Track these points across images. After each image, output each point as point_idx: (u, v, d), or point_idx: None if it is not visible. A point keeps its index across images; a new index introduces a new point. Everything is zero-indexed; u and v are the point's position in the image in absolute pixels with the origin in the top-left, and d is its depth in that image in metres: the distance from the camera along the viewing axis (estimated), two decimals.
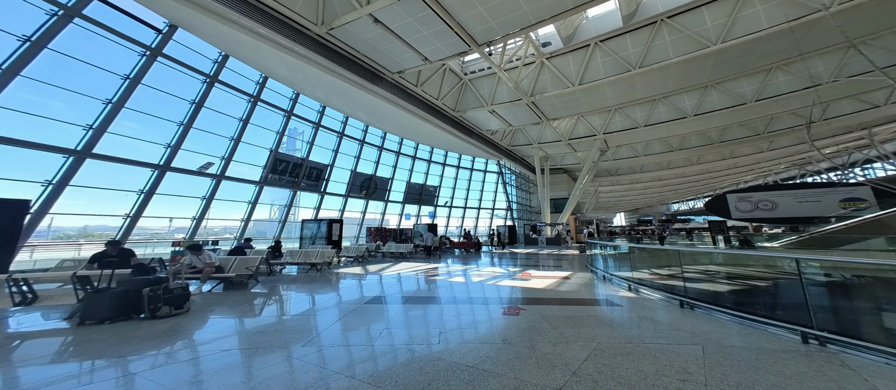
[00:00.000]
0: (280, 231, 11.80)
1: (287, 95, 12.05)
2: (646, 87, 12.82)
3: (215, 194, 9.63)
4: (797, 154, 26.10)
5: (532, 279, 6.70)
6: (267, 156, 11.40)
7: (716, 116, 15.61)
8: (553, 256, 12.53)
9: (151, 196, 8.34)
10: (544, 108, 15.26)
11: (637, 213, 64.91)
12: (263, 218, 12.99)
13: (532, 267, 9.04)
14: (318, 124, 13.20)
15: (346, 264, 9.87)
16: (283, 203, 13.32)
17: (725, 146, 20.80)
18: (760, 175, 37.88)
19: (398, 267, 9.07)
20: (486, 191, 24.84)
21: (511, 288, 5.80)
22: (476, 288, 5.83)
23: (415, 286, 6.09)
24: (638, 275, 5.42)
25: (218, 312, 4.19)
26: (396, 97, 12.72)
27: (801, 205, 16.30)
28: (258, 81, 10.82)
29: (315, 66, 9.72)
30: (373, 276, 7.29)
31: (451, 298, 4.90)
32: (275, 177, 11.55)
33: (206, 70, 9.37)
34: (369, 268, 8.87)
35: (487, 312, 3.96)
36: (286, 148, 14.56)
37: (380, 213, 17.07)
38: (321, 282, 6.60)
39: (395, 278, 6.99)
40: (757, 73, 13.61)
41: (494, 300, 4.75)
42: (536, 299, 4.85)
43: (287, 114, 11.87)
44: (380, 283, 6.40)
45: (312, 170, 12.96)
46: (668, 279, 5.13)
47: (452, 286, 6.04)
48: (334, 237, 11.39)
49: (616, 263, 6.41)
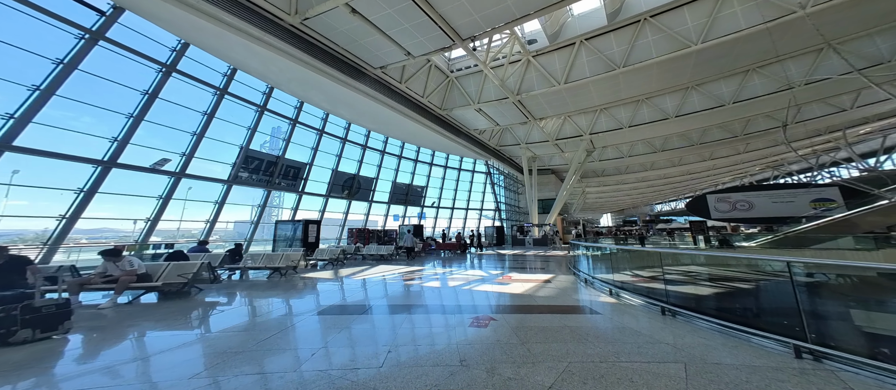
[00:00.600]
0: (252, 233, 11.04)
1: (260, 89, 11.33)
2: (630, 87, 12.87)
3: (173, 193, 8.86)
4: (771, 156, 27.24)
5: (512, 283, 6.41)
6: (237, 153, 10.66)
7: (696, 117, 15.91)
8: (538, 258, 12.34)
9: (93, 195, 7.53)
10: (531, 107, 15.14)
11: (623, 214, 66.53)
12: (245, 219, 12.15)
13: (515, 269, 8.75)
14: (296, 120, 12.51)
15: (319, 267, 9.30)
16: (271, 204, 12.63)
17: (705, 147, 21.37)
18: (737, 176, 39.42)
19: (374, 270, 8.54)
20: (475, 192, 24.62)
21: (487, 293, 5.47)
22: (449, 294, 5.45)
23: (382, 292, 5.70)
24: (619, 278, 5.21)
25: (113, 332, 3.47)
26: (380, 94, 12.26)
27: (776, 206, 16.87)
28: (226, 73, 10.09)
29: (290, 59, 9.15)
30: (340, 281, 6.82)
31: (416, 307, 4.49)
32: (245, 176, 10.83)
33: (163, 58, 8.61)
34: (342, 272, 8.28)
35: (453, 324, 3.60)
36: (270, 146, 13.87)
37: (364, 214, 16.50)
38: (278, 288, 6.04)
39: (363, 283, 6.54)
40: (735, 75, 13.93)
41: (466, 308, 4.38)
42: (511, 306, 4.56)
43: (259, 109, 11.15)
44: (342, 290, 5.93)
45: (289, 168, 12.26)
46: (649, 281, 4.94)
47: (424, 292, 5.64)
48: (311, 239, 10.79)
49: (597, 265, 6.21)
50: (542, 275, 7.25)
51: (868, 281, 3.07)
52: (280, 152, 12.02)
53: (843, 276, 3.28)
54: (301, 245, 10.49)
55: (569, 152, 22.34)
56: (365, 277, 7.33)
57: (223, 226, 11.40)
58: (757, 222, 17.73)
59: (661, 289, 4.07)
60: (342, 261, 10.43)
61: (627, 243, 15.03)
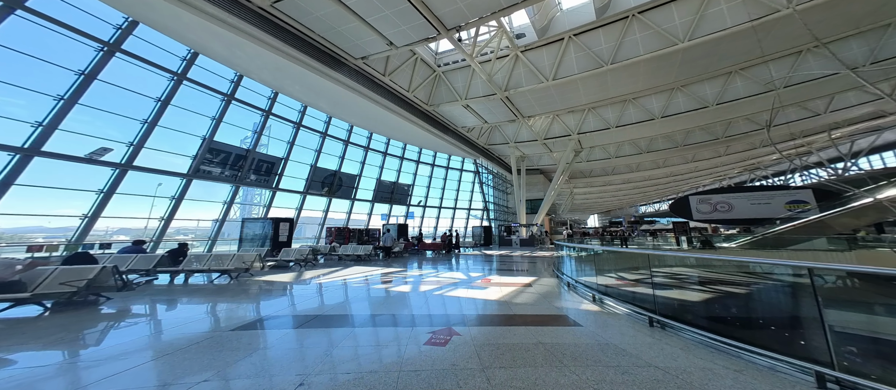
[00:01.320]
0: (216, 231, 10.15)
1: (228, 77, 10.48)
2: (617, 86, 12.79)
3: (117, 187, 7.93)
4: (749, 159, 28.24)
5: (490, 287, 5.95)
6: (199, 145, 9.78)
7: (681, 119, 16.11)
8: (523, 259, 12.04)
9: (8, 187, 6.57)
10: (519, 105, 14.89)
11: (609, 215, 67.93)
12: (232, 218, 11.10)
13: (497, 271, 8.36)
14: (269, 112, 11.68)
15: (282, 269, 8.50)
16: (250, 201, 11.73)
17: (688, 149, 21.82)
18: (717, 179, 40.85)
19: (343, 273, 7.86)
20: (463, 191, 24.24)
21: (458, 300, 4.91)
22: (415, 301, 4.83)
23: (337, 299, 5.02)
24: (603, 282, 4.85)
25: None
26: (362, 86, 11.66)
27: (754, 207, 17.28)
28: (185, 57, 9.22)
29: (260, 45, 8.44)
30: (295, 286, 6.14)
31: (368, 318, 3.91)
32: (208, 170, 9.95)
33: (105, 36, 7.69)
34: (307, 274, 7.55)
35: (405, 341, 3.05)
36: (251, 142, 12.85)
37: (346, 213, 15.77)
38: (214, 295, 5.29)
39: (320, 289, 5.91)
40: (718, 77, 14.13)
41: (426, 320, 3.81)
42: (482, 316, 4.04)
43: (226, 98, 10.31)
44: (291, 296, 5.30)
45: (261, 163, 11.42)
46: (635, 285, 4.61)
47: (386, 299, 5.02)
48: (282, 238, 10.03)
49: (581, 268, 5.86)
50: (523, 278, 6.84)
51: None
52: (250, 144, 11.15)
53: (858, 279, 2.97)
54: (270, 244, 9.73)
55: (557, 152, 22.33)
56: (328, 280, 6.65)
57: (193, 225, 10.53)
58: (736, 223, 18.13)
59: (649, 295, 3.70)
60: (312, 262, 9.68)
61: (613, 244, 14.96)
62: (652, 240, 18.01)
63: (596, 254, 5.41)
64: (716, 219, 18.17)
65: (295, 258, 8.98)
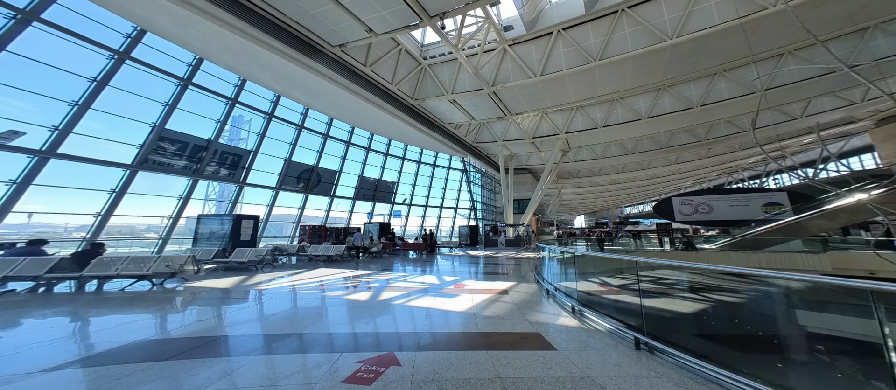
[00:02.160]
0: (168, 229, 9.13)
1: (185, 60, 9.47)
2: (605, 83, 12.59)
3: (35, 177, 6.83)
4: (728, 162, 29.15)
5: (461, 294, 5.34)
6: (147, 133, 8.77)
7: (666, 119, 16.19)
8: (507, 260, 11.63)
9: None
10: (507, 101, 14.51)
11: (596, 216, 69.31)
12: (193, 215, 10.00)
13: (475, 274, 7.82)
14: (234, 100, 10.71)
15: (233, 272, 7.48)
16: (227, 198, 10.66)
17: (672, 151, 22.16)
18: (698, 181, 42.20)
19: (301, 276, 7.11)
20: (451, 190, 23.73)
21: (417, 312, 4.26)
22: (363, 315, 4.11)
23: (263, 313, 4.21)
24: (585, 288, 4.38)
25: None
26: (341, 77, 10.93)
27: (733, 209, 17.64)
28: (130, 34, 8.19)
29: (220, 25, 7.59)
30: (227, 294, 5.33)
31: (286, 341, 3.11)
32: (160, 161, 8.94)
33: (20, 3, 6.62)
34: (255, 278, 6.61)
35: (317, 377, 2.36)
36: (229, 138, 11.84)
37: (324, 210, 14.94)
38: (95, 308, 4.43)
39: (258, 296, 5.19)
40: (703, 78, 14.23)
41: (364, 342, 3.12)
42: (437, 336, 3.35)
43: (182, 83, 9.30)
44: (203, 308, 4.45)
45: (226, 155, 10.45)
46: (620, 293, 4.19)
47: (328, 312, 4.24)
48: (245, 237, 9.16)
49: (561, 272, 5.37)
50: (500, 284, 6.27)
51: None
52: (213, 135, 10.10)
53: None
54: (230, 243, 8.85)
55: (545, 151, 22.19)
56: (274, 287, 5.81)
57: (145, 222, 9.48)
58: (716, 225, 18.49)
59: (636, 305, 3.12)
60: (271, 264, 8.77)
61: (598, 245, 14.80)
62: (635, 242, 18.07)
63: (575, 257, 4.90)
64: (697, 220, 18.46)
65: (250, 259, 8.06)
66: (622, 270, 4.75)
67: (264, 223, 12.01)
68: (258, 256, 8.17)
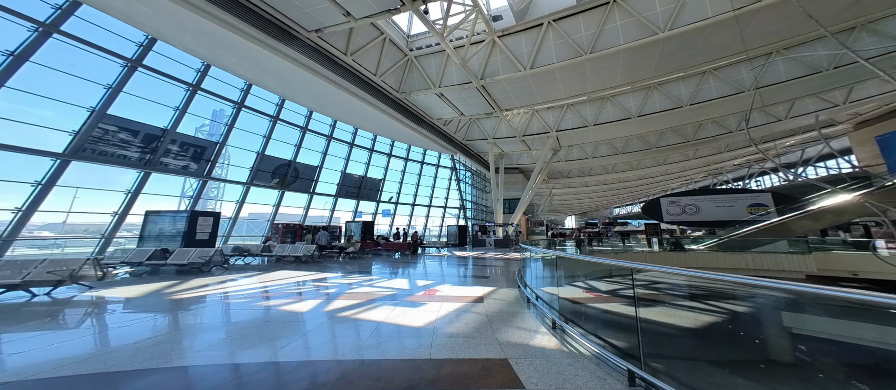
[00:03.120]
0: (111, 227, 8.11)
1: (134, 40, 8.48)
2: (596, 79, 12.26)
3: None
4: (714, 163, 29.64)
5: (428, 303, 4.67)
6: (85, 119, 7.75)
7: (656, 118, 16.07)
8: (493, 261, 11.13)
9: None
10: (496, 95, 14.03)
11: (585, 216, 70.06)
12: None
13: (453, 278, 7.21)
14: (197, 86, 9.77)
15: (157, 277, 6.41)
16: (206, 195, 9.67)
17: (661, 151, 22.21)
18: (685, 182, 43.00)
19: (245, 281, 6.05)
20: (440, 188, 23.15)
21: (362, 327, 3.49)
22: (284, 332, 3.33)
23: (142, 335, 3.33)
24: (568, 296, 3.78)
25: None
26: (320, 65, 10.21)
27: (719, 209, 17.72)
28: (61, 6, 7.18)
29: (174, 1, 6.76)
30: (121, 307, 4.40)
31: (157, 374, 2.40)
32: (100, 151, 7.90)
33: None
34: (187, 284, 5.80)
35: None
36: (209, 133, 10.82)
37: (303, 208, 14.10)
38: None
39: (171, 307, 4.39)
40: (693, 76, 14.13)
41: (257, 380, 2.33)
42: (369, 366, 2.58)
43: (128, 64, 8.31)
44: (62, 331, 3.54)
45: (187, 146, 9.50)
46: (609, 300, 3.68)
47: (235, 331, 3.42)
48: (201, 235, 8.27)
49: (543, 277, 4.81)
50: (478, 289, 5.65)
51: None
52: (169, 125, 9.03)
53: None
54: (183, 243, 7.97)
55: (536, 150, 21.90)
56: (196, 295, 4.86)
57: (93, 220, 8.49)
58: (702, 225, 18.57)
59: (629, 319, 2.46)
60: (222, 265, 7.64)
61: (592, 244, 14.45)
62: (624, 242, 17.93)
63: (557, 259, 4.15)
64: (684, 221, 18.48)
65: (192, 261, 6.97)
66: (611, 273, 4.28)
67: (233, 220, 11.13)
68: (202, 258, 7.11)
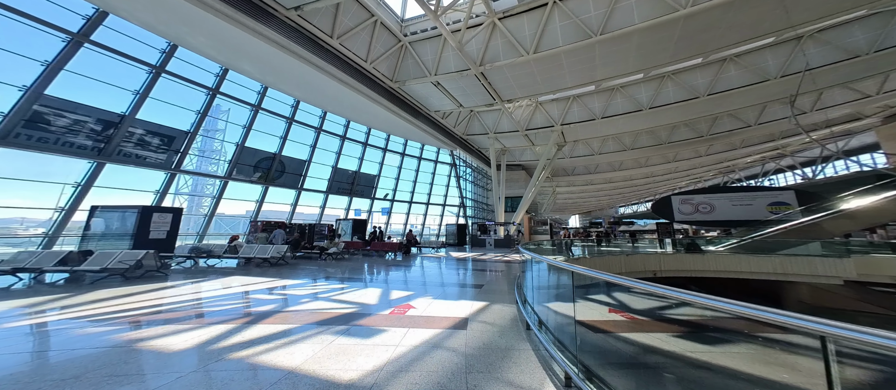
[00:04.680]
0: (56, 224, 7.18)
1: (82, 13, 7.46)
2: (606, 65, 11.20)
3: None
4: (726, 161, 28.30)
5: (390, 329, 3.39)
6: (15, 100, 6.62)
7: (669, 110, 14.96)
8: (492, 264, 10.18)
9: None
10: (497, 84, 13.03)
11: (589, 215, 68.71)
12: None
13: (437, 287, 5.97)
14: (161, 69, 8.80)
15: (44, 287, 5.27)
16: (200, 191, 8.97)
17: (671, 148, 21.03)
18: (693, 181, 41.54)
19: (135, 299, 4.68)
20: (438, 185, 22.23)
21: (257, 380, 2.31)
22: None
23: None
24: (589, 315, 2.25)
25: None
26: (301, 48, 9.34)
27: (736, 208, 16.64)
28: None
29: None
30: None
31: None
32: (38, 138, 6.87)
33: None
34: (97, 294, 4.82)
35: None
36: (205, 129, 9.92)
37: (290, 204, 13.27)
38: None
39: (36, 334, 3.25)
40: (712, 64, 13.02)
41: None
42: None
43: (72, 39, 7.26)
44: None
45: (151, 135, 8.59)
46: (661, 328, 2.40)
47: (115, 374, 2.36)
48: (157, 234, 7.35)
49: (549, 284, 3.48)
50: (464, 306, 4.43)
51: None
52: (127, 110, 7.90)
53: None
54: (133, 243, 7.08)
55: (539, 146, 20.87)
56: (94, 311, 3.91)
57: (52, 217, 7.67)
58: (717, 225, 17.50)
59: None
60: (157, 270, 6.41)
61: (601, 246, 13.39)
62: (632, 243, 16.89)
63: (574, 275, 2.46)
64: (698, 220, 17.41)
65: (113, 266, 5.74)
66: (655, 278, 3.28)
67: (208, 217, 10.32)
68: (125, 262, 5.82)
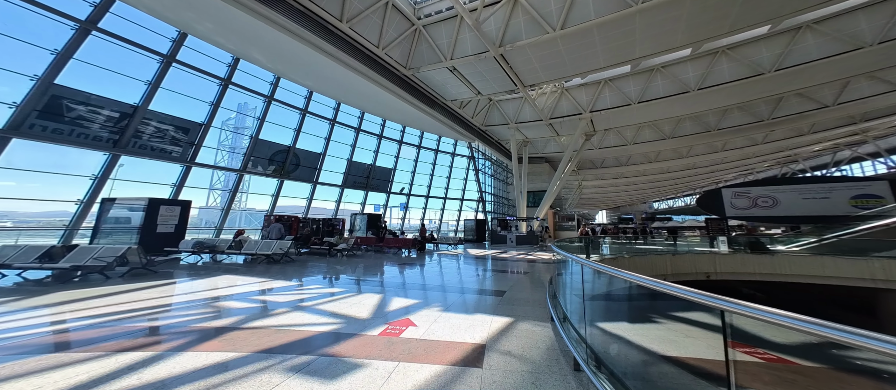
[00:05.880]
0: (75, 218, 7.30)
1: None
2: (648, 38, 9.66)
3: None
4: (786, 149, 24.62)
5: (374, 363, 2.49)
6: (29, 89, 6.53)
7: (723, 91, 12.90)
8: (514, 264, 9.20)
9: None
10: (519, 67, 11.86)
11: (617, 211, 64.46)
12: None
13: (448, 293, 4.96)
14: (171, 58, 8.62)
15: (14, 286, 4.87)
16: (226, 186, 8.96)
17: (720, 135, 18.49)
18: (742, 173, 37.10)
19: (89, 303, 4.07)
20: (456, 179, 21.41)
21: None
22: None
23: None
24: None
25: None
26: (310, 33, 8.90)
27: (806, 203, 14.14)
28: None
29: None
30: None
31: None
32: (53, 129, 6.82)
33: None
34: (72, 292, 4.50)
35: None
36: (235, 125, 10.04)
37: (306, 198, 13.18)
38: None
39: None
40: (782, 34, 10.87)
41: None
42: None
43: (80, 27, 7.08)
44: None
45: (166, 127, 8.54)
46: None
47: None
48: (165, 228, 7.28)
49: (608, 294, 2.35)
50: (481, 322, 3.38)
51: None
52: (141, 101, 7.75)
53: None
54: (139, 237, 7.03)
55: (565, 136, 19.29)
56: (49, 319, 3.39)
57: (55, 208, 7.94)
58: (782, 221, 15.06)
59: None
60: (142, 266, 5.83)
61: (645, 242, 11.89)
62: (675, 241, 15.03)
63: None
64: (756, 216, 15.09)
65: (89, 263, 5.21)
66: None
67: (225, 211, 10.37)
68: (102, 260, 5.26)
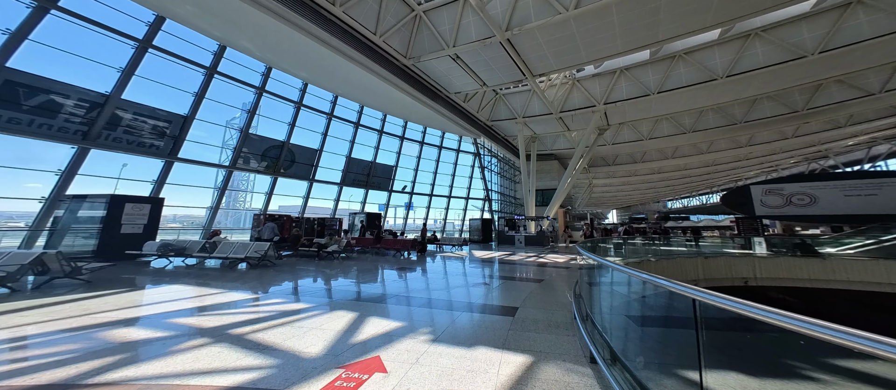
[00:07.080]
0: (39, 217, 6.72)
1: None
2: (675, 18, 8.63)
3: None
4: (817, 143, 22.82)
5: None
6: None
7: (756, 79, 11.68)
8: (524, 268, 8.31)
9: None
10: (527, 55, 10.94)
11: (629, 211, 62.43)
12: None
13: (445, 309, 4.12)
14: (147, 43, 8.00)
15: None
16: (235, 186, 8.40)
17: (746, 128, 17.11)
18: (765, 171, 35.00)
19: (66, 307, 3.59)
20: (460, 176, 20.58)
21: None
22: None
23: None
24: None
25: None
26: (300, 18, 8.27)
27: (849, 200, 12.81)
28: None
29: None
30: None
31: None
32: (7, 119, 6.04)
33: None
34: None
35: None
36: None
37: (302, 197, 12.60)
38: None
39: None
40: (829, 12, 9.64)
41: None
42: None
43: (37, 4, 6.41)
44: None
45: (144, 119, 7.94)
46: None
47: None
48: (131, 228, 6.63)
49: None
50: (488, 364, 2.50)
51: None
52: (112, 90, 7.11)
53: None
54: (100, 237, 6.39)
55: (576, 131, 18.23)
56: None
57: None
58: (821, 220, 13.75)
59: None
60: (65, 275, 4.95)
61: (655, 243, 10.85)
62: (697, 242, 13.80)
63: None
64: (790, 214, 13.79)
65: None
66: None
67: (213, 210, 9.82)
68: (2, 269, 4.43)
